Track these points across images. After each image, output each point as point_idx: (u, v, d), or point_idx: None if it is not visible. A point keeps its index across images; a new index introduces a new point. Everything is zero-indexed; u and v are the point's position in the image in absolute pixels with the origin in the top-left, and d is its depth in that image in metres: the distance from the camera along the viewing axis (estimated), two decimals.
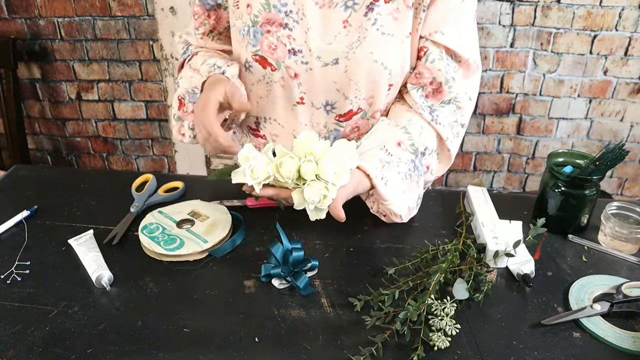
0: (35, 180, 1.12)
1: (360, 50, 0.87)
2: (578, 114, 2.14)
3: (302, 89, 0.93)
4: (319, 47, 0.88)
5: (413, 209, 0.96)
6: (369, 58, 0.87)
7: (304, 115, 0.96)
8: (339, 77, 0.90)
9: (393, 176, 0.88)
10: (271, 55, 0.90)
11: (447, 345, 0.70)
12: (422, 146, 0.93)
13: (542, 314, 0.77)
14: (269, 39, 0.89)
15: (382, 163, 0.87)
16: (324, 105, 0.94)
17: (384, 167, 0.87)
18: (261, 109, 1.00)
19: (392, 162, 0.88)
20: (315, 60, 0.89)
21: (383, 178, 0.86)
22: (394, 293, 0.78)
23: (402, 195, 0.90)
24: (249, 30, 0.90)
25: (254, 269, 0.86)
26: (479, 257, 0.85)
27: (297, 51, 0.89)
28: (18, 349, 0.71)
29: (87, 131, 2.35)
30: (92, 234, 0.92)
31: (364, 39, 0.86)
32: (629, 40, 1.96)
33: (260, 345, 0.72)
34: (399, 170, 0.89)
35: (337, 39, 0.87)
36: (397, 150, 0.89)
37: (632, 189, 2.30)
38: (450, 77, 0.92)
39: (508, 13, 1.98)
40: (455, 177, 2.38)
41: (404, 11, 0.86)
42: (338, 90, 0.92)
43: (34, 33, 2.11)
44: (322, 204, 0.78)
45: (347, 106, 0.94)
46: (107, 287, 0.81)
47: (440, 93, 0.93)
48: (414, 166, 0.91)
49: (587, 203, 0.92)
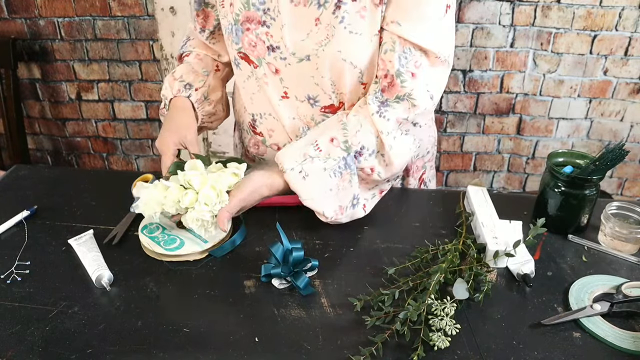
0: (35, 180, 1.12)
1: (328, 48, 0.87)
2: (578, 114, 2.14)
3: (284, 84, 0.94)
4: (294, 43, 0.89)
5: (347, 209, 0.92)
6: (337, 56, 0.87)
7: (290, 109, 0.97)
8: (313, 72, 0.91)
9: (316, 171, 0.86)
10: (252, 53, 0.93)
11: (447, 345, 0.70)
12: (357, 145, 0.89)
13: (542, 314, 0.77)
14: (249, 37, 0.91)
15: (305, 157, 0.86)
16: (307, 99, 0.95)
17: (305, 161, 0.86)
18: (256, 105, 1.02)
19: (319, 157, 0.87)
20: (291, 56, 0.90)
21: (302, 171, 0.86)
22: (394, 293, 0.78)
23: (328, 192, 0.88)
24: (232, 28, 0.93)
25: (254, 269, 0.86)
26: (479, 257, 0.85)
27: (275, 47, 0.90)
28: (18, 349, 0.71)
29: (87, 131, 2.35)
30: (92, 234, 0.93)
31: (332, 36, 0.86)
32: (629, 40, 1.96)
33: (260, 345, 0.72)
34: (326, 167, 0.87)
35: (310, 36, 0.88)
36: (328, 146, 0.88)
37: (632, 189, 2.30)
38: (404, 71, 0.86)
39: (508, 13, 1.98)
40: (455, 177, 2.38)
41: (371, 9, 0.85)
42: (317, 84, 0.92)
43: (34, 33, 2.11)
44: (207, 226, 0.86)
45: (327, 100, 0.94)
46: (107, 287, 0.81)
47: (393, 87, 0.88)
48: (345, 164, 0.88)
49: (587, 203, 0.92)
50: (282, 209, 1.01)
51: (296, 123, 0.98)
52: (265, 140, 1.05)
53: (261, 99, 0.99)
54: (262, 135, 1.05)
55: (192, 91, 1.01)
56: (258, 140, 1.07)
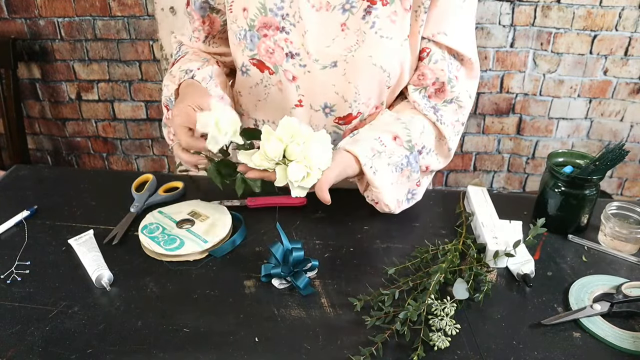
0: (35, 180, 1.12)
1: (359, 53, 0.87)
2: (578, 114, 2.14)
3: (300, 92, 0.93)
4: (317, 50, 0.88)
5: (403, 202, 0.95)
6: (368, 61, 0.88)
7: (302, 118, 0.96)
8: (337, 79, 0.90)
9: (382, 167, 0.88)
10: (269, 59, 0.91)
11: (447, 345, 0.70)
12: (420, 145, 0.93)
13: (542, 314, 0.77)
14: (267, 43, 0.89)
15: (374, 152, 0.87)
16: (322, 108, 0.94)
17: (374, 156, 0.87)
18: (260, 112, 1.01)
19: (384, 153, 0.88)
20: (313, 63, 0.89)
21: (372, 167, 0.87)
22: (394, 293, 0.78)
23: (390, 187, 0.91)
24: (246, 34, 0.90)
25: (254, 269, 0.86)
26: (479, 257, 0.85)
27: (294, 54, 0.89)
28: (18, 348, 0.71)
29: (87, 131, 2.35)
30: (92, 234, 0.92)
31: (362, 42, 0.86)
32: (629, 40, 1.96)
33: (260, 345, 0.72)
34: (389, 162, 0.89)
35: (336, 41, 0.87)
36: (392, 144, 0.90)
37: (632, 189, 2.30)
38: (453, 77, 0.92)
39: (508, 13, 1.98)
40: (455, 177, 2.38)
41: (401, 14, 0.86)
42: (337, 93, 0.92)
43: (34, 33, 2.11)
44: (305, 183, 0.80)
45: (346, 109, 0.94)
46: (107, 287, 0.81)
47: (442, 92, 0.93)
48: (407, 162, 0.91)
49: (587, 203, 0.92)
50: (282, 209, 1.01)
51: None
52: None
53: (267, 106, 0.98)
54: None
55: (194, 72, 0.94)
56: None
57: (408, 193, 0.96)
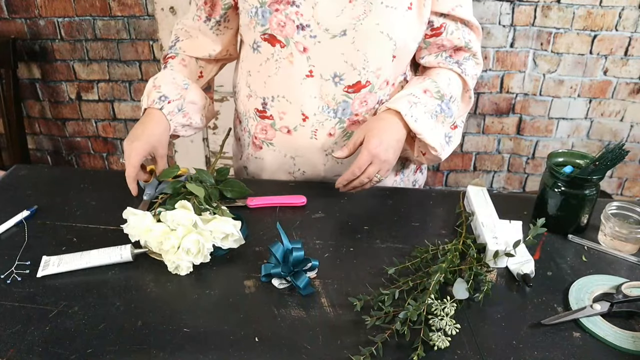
0: (35, 180, 1.12)
1: (367, 21, 0.94)
2: (578, 114, 2.14)
3: (311, 62, 0.98)
4: (327, 21, 0.94)
5: (444, 146, 1.04)
6: (375, 29, 0.95)
7: (313, 88, 1.00)
8: (346, 48, 0.96)
9: (420, 115, 0.98)
10: (280, 33, 0.97)
11: (447, 345, 0.70)
12: (449, 94, 1.03)
13: (542, 314, 0.77)
14: (278, 17, 0.95)
15: (410, 104, 0.97)
16: (332, 77, 0.99)
17: (411, 107, 0.97)
18: (269, 88, 1.04)
19: (419, 103, 0.98)
20: (323, 33, 0.95)
21: (412, 116, 0.97)
22: (394, 293, 0.78)
23: (431, 132, 0.99)
24: (257, 11, 0.96)
25: (254, 269, 0.86)
26: (479, 257, 0.85)
27: (305, 26, 0.95)
28: (18, 348, 0.71)
29: (87, 131, 2.35)
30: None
31: (370, 11, 0.94)
32: (629, 40, 1.96)
33: (260, 345, 0.72)
34: (425, 111, 0.99)
35: (344, 12, 0.94)
36: (424, 95, 1.00)
37: (632, 189, 2.30)
38: (467, 40, 1.04)
39: (508, 13, 1.98)
40: (455, 177, 2.38)
41: None
42: (346, 62, 0.97)
43: (34, 33, 2.11)
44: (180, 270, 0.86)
45: (355, 77, 0.99)
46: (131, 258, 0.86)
47: (461, 50, 1.05)
48: (440, 109, 1.01)
49: (587, 203, 0.92)
50: (282, 209, 1.01)
51: (316, 102, 1.02)
52: (275, 124, 1.07)
53: (277, 81, 1.02)
54: (272, 119, 1.07)
55: (165, 103, 1.02)
56: (266, 124, 1.08)
57: (445, 137, 1.05)
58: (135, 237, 0.87)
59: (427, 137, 0.98)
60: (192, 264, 0.85)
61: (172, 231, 0.85)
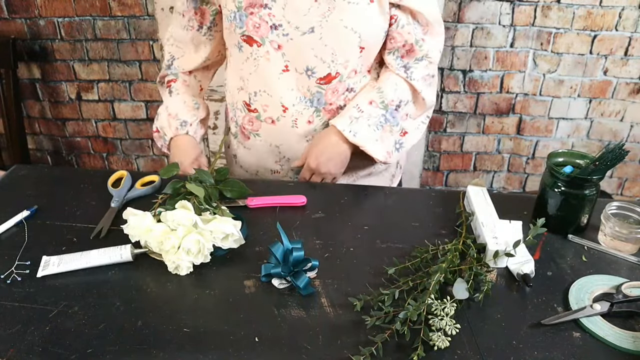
0: (35, 180, 1.12)
1: (332, 18, 1.01)
2: (578, 114, 2.14)
3: (286, 58, 1.06)
4: (296, 19, 1.02)
5: (393, 152, 1.14)
6: (339, 24, 1.02)
7: (290, 81, 1.08)
8: (315, 44, 1.03)
9: (362, 128, 1.08)
10: (256, 33, 1.05)
11: (447, 345, 0.70)
12: (397, 100, 1.10)
13: (542, 314, 0.77)
14: (253, 20, 1.03)
15: (351, 119, 1.08)
16: (305, 71, 1.06)
17: (351, 123, 1.07)
18: (251, 84, 1.12)
19: (361, 117, 1.08)
20: (294, 30, 1.03)
21: (351, 131, 1.07)
22: (394, 293, 0.78)
23: (375, 143, 1.10)
24: (235, 15, 1.04)
25: (254, 269, 0.86)
26: (479, 257, 0.85)
27: (277, 26, 1.03)
28: (18, 348, 0.71)
29: (87, 131, 2.35)
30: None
31: (333, 8, 1.01)
32: (629, 40, 1.96)
33: (260, 345, 0.72)
34: (369, 123, 1.08)
35: (311, 10, 1.01)
36: (368, 107, 1.08)
37: (632, 189, 2.30)
38: (419, 39, 1.08)
39: (508, 13, 1.98)
40: (455, 177, 2.38)
41: None
42: (316, 56, 1.05)
43: (34, 33, 2.11)
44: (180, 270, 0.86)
45: (325, 70, 1.06)
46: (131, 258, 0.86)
47: (413, 52, 1.09)
48: (385, 119, 1.10)
49: (587, 203, 0.92)
50: (282, 208, 1.01)
51: (294, 94, 1.09)
52: (260, 116, 1.14)
53: (257, 78, 1.10)
54: (257, 112, 1.14)
55: (188, 127, 1.19)
56: (252, 116, 1.15)
57: (395, 144, 1.14)
58: (136, 237, 0.87)
59: (368, 149, 1.09)
60: (192, 264, 0.85)
61: (172, 231, 0.85)
